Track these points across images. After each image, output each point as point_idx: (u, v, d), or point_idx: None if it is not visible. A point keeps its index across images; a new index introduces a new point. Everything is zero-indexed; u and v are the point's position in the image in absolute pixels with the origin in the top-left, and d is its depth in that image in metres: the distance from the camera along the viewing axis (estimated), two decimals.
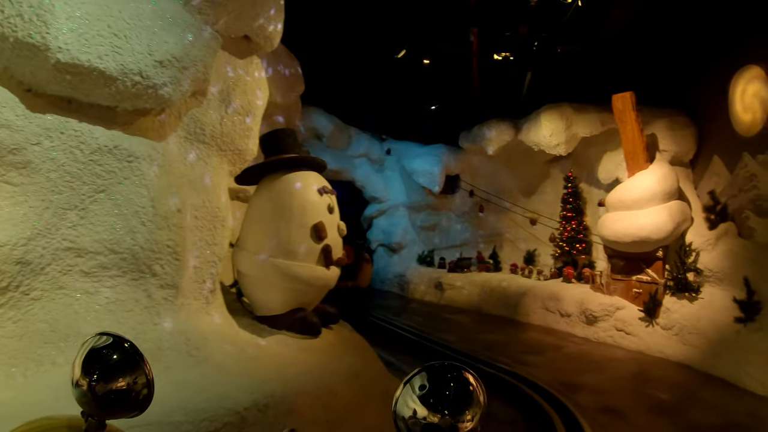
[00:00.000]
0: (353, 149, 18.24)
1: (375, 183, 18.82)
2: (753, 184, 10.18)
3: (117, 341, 1.97)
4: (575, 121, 13.22)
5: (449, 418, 1.68)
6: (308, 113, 16.56)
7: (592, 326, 11.88)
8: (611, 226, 11.69)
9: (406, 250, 18.74)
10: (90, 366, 1.91)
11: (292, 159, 7.05)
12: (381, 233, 19.19)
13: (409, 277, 17.70)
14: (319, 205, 6.86)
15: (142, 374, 1.95)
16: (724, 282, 10.14)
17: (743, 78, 10.58)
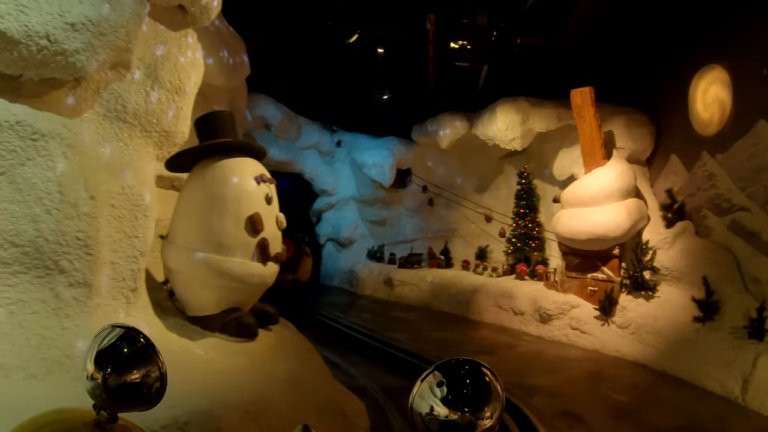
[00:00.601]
0: (303, 140, 17.53)
1: (324, 175, 18.14)
2: (712, 183, 10.03)
3: (130, 333, 1.97)
4: (531, 116, 12.84)
5: (469, 415, 1.67)
6: (257, 101, 15.85)
7: (546, 324, 11.53)
8: (567, 222, 11.36)
9: (355, 245, 18.11)
10: (102, 358, 1.89)
11: (227, 144, 6.38)
12: (330, 227, 18.52)
13: (359, 273, 17.09)
14: (256, 195, 6.21)
15: (155, 367, 1.96)
16: (682, 281, 9.95)
17: (705, 77, 10.43)
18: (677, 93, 11.15)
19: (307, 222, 19.24)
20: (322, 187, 18.25)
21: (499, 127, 12.99)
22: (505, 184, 15.83)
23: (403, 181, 17.17)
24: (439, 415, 1.68)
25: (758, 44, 9.12)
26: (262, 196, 6.29)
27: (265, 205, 6.30)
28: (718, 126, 10.10)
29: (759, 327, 8.13)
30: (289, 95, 16.70)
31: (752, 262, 9.02)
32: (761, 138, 8.94)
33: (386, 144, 16.71)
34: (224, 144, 6.37)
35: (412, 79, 15.58)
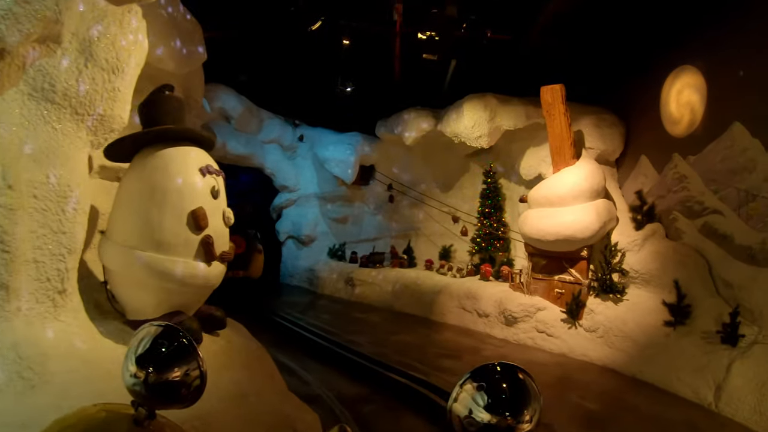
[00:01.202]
0: (264, 134, 16.80)
1: (286, 171, 17.44)
2: (683, 185, 9.75)
3: (171, 331, 2.03)
4: (499, 113, 12.42)
5: (510, 419, 1.71)
6: (216, 92, 15.15)
7: (511, 327, 11.11)
8: (534, 223, 10.96)
9: (316, 243, 17.46)
10: (143, 356, 1.94)
11: (170, 131, 5.72)
12: (291, 224, 17.80)
13: (319, 272, 16.44)
14: (201, 188, 5.58)
15: (195, 366, 1.99)
16: (651, 284, 9.65)
17: (678, 79, 10.18)
18: (648, 94, 10.89)
19: (267, 218, 18.55)
20: (283, 182, 17.55)
21: (466, 124, 12.54)
22: (470, 182, 15.42)
23: (366, 178, 16.61)
24: (480, 420, 1.71)
25: (733, 46, 8.88)
26: (208, 190, 5.67)
27: (211, 199, 5.69)
28: (690, 127, 9.84)
29: (732, 332, 7.87)
30: (251, 87, 15.98)
31: (724, 265, 8.75)
32: (736, 140, 8.69)
33: (349, 140, 16.14)
34: (167, 131, 5.73)
35: (378, 72, 15.00)
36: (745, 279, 8.24)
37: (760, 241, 8.09)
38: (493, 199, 14.14)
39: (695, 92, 9.72)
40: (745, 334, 7.77)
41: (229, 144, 15.93)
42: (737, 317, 7.89)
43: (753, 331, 7.76)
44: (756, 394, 6.93)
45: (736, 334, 7.82)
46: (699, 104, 9.61)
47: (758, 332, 7.71)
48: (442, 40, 11.60)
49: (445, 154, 15.24)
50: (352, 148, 15.81)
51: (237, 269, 13.62)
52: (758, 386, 6.95)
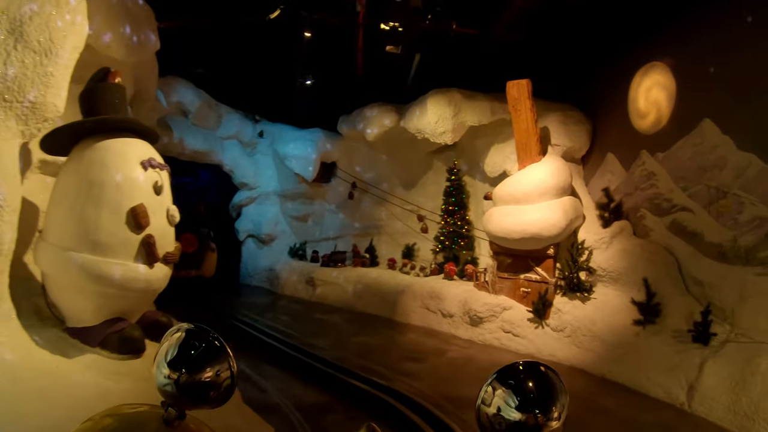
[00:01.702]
0: (223, 129, 16.04)
1: (245, 167, 16.76)
2: (651, 182, 9.52)
3: (202, 332, 2.01)
4: (464, 109, 12.03)
5: (540, 416, 1.73)
6: (173, 86, 14.39)
7: (477, 327, 10.72)
8: (499, 221, 10.59)
9: (277, 242, 16.82)
10: (174, 356, 1.92)
11: (110, 121, 5.20)
12: (250, 223, 17.12)
13: (279, 272, 15.83)
14: (142, 183, 5.08)
15: (226, 367, 1.98)
16: (619, 282, 9.40)
17: (646, 75, 9.96)
18: (616, 91, 10.64)
19: (227, 217, 17.86)
20: (243, 180, 16.87)
21: (429, 119, 12.10)
22: (434, 180, 15.02)
23: (327, 175, 16.02)
24: (510, 418, 1.75)
25: (703, 42, 8.67)
26: (150, 185, 5.17)
27: (153, 195, 5.19)
28: (659, 124, 9.63)
29: (704, 331, 7.62)
30: (210, 81, 15.26)
31: (694, 263, 8.55)
32: (706, 137, 8.50)
33: (310, 135, 15.57)
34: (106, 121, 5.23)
35: (340, 66, 14.48)
36: (716, 277, 8.04)
37: (731, 239, 7.89)
38: (457, 197, 13.78)
39: (664, 89, 9.49)
40: (717, 333, 7.54)
41: (186, 139, 15.21)
42: (709, 316, 7.64)
43: (725, 330, 7.55)
44: (730, 393, 6.67)
45: (707, 332, 7.58)
46: (668, 101, 9.39)
47: (730, 331, 7.51)
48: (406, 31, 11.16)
49: (409, 151, 14.82)
50: (313, 145, 15.24)
51: (189, 268, 13.27)
52: (732, 385, 6.70)
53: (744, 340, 7.19)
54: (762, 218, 7.51)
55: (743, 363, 6.77)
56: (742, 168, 7.87)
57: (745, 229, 7.70)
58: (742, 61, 7.98)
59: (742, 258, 7.71)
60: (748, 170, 7.78)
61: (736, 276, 7.67)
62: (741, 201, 7.85)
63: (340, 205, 16.38)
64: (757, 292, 7.33)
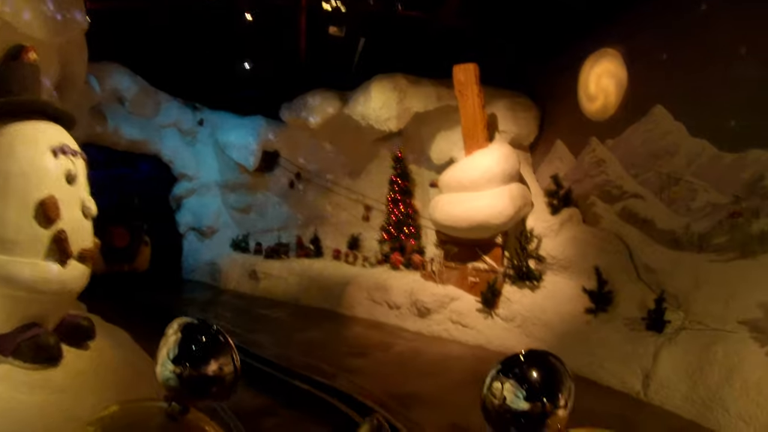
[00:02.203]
0: (161, 117, 15.13)
1: (185, 157, 15.89)
2: (601, 169, 9.27)
3: (204, 326, 2.03)
4: (409, 94, 11.53)
5: (548, 404, 1.75)
6: (108, 71, 13.42)
7: (424, 319, 10.27)
8: (445, 208, 10.17)
9: (219, 235, 16.01)
10: (177, 351, 1.92)
11: (15, 102, 4.51)
12: (191, 215, 16.26)
13: (222, 265, 15.05)
14: (53, 172, 4.40)
15: (229, 361, 1.98)
16: (569, 270, 9.11)
17: (597, 61, 9.68)
18: (565, 77, 10.36)
19: (167, 209, 16.95)
20: (182, 170, 16.00)
21: (374, 105, 11.56)
22: (379, 168, 14.48)
23: (270, 164, 15.29)
24: (517, 407, 1.76)
25: (656, 29, 8.49)
26: (62, 174, 4.49)
27: (65, 185, 4.50)
28: (609, 111, 9.42)
29: (658, 319, 7.34)
30: (148, 66, 14.29)
31: (645, 250, 8.31)
32: (657, 123, 8.33)
33: (252, 124, 14.81)
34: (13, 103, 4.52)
35: (283, 51, 13.71)
36: (668, 263, 7.83)
37: (684, 225, 7.71)
38: (403, 185, 13.29)
39: (615, 75, 9.27)
40: (671, 320, 7.28)
41: (122, 128, 14.35)
42: (662, 303, 7.36)
43: (678, 317, 7.29)
44: (687, 381, 6.39)
45: (661, 320, 7.32)
46: (619, 87, 9.18)
47: (684, 318, 7.24)
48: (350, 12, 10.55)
49: (354, 140, 14.22)
50: (254, 133, 14.50)
51: (122, 263, 12.92)
52: (688, 374, 6.42)
53: (699, 327, 6.92)
54: (715, 204, 7.33)
55: (699, 351, 6.51)
56: (694, 154, 7.69)
57: (699, 215, 7.52)
58: (694, 47, 7.82)
59: (695, 245, 7.52)
60: (700, 156, 7.60)
61: (690, 263, 7.47)
62: (694, 187, 7.67)
63: (284, 196, 15.69)
64: (710, 279, 7.12)
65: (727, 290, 6.82)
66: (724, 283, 6.91)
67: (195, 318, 2.05)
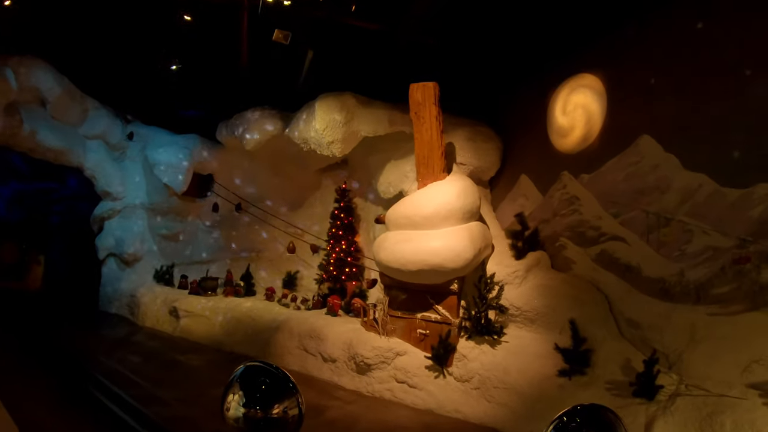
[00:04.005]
0: (87, 126, 12.95)
1: (110, 174, 13.59)
2: (574, 207, 7.66)
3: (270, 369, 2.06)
4: (358, 116, 9.74)
5: None
6: (30, 67, 11.38)
7: (364, 376, 8.30)
8: (392, 248, 8.33)
9: (142, 263, 13.60)
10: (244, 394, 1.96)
11: None
12: (113, 239, 13.80)
13: (140, 298, 12.67)
14: None
15: (294, 403, 2.01)
16: (537, 323, 7.53)
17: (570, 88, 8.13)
18: (532, 106, 8.85)
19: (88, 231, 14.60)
20: (106, 188, 13.67)
21: (317, 126, 9.66)
22: (321, 201, 12.68)
23: (203, 189, 13.15)
24: None
25: (641, 48, 7.03)
26: None
27: None
28: (584, 143, 7.90)
29: (648, 383, 5.82)
30: (77, 68, 12.26)
31: (628, 301, 6.82)
32: (644, 156, 6.84)
33: (185, 142, 12.73)
34: None
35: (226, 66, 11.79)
36: (657, 317, 6.36)
37: (677, 272, 6.21)
38: (346, 220, 11.43)
39: (592, 103, 7.78)
40: (663, 385, 5.76)
41: (40, 133, 12.20)
42: (655, 365, 5.81)
43: (672, 381, 5.81)
44: None
45: (653, 384, 5.78)
46: (596, 116, 7.70)
47: (679, 381, 5.74)
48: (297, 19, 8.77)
49: (296, 168, 12.40)
50: (186, 152, 12.41)
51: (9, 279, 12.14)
52: None
53: (698, 392, 5.44)
54: (716, 248, 5.87)
55: (701, 422, 5.05)
56: (690, 190, 6.22)
57: (695, 261, 6.06)
58: (688, 69, 6.39)
59: (691, 295, 6.07)
60: (697, 193, 6.15)
61: (684, 316, 6.06)
62: (689, 228, 6.20)
63: (216, 224, 13.59)
64: (711, 335, 5.72)
65: (732, 348, 5.44)
66: (728, 340, 5.53)
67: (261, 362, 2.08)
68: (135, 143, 13.57)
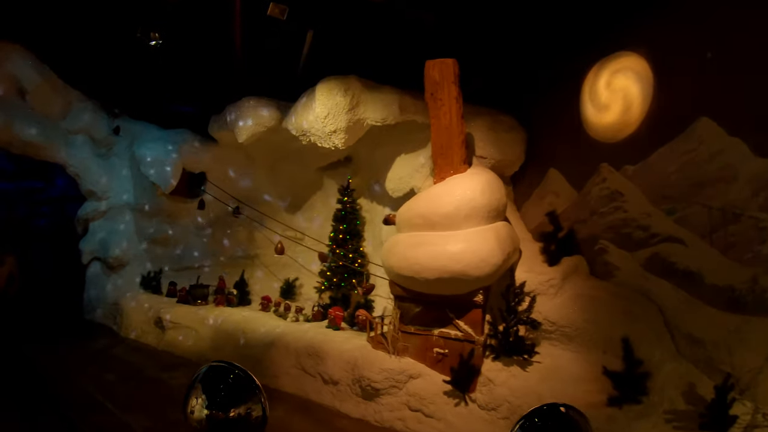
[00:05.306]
0: (71, 120, 11.88)
1: (95, 172, 12.32)
2: (616, 204, 6.34)
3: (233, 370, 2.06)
4: (364, 102, 8.39)
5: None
6: (6, 53, 10.51)
7: (371, 402, 6.97)
8: (405, 252, 7.01)
9: (128, 269, 12.27)
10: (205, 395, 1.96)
11: None
12: (97, 242, 12.52)
13: (124, 307, 11.33)
14: None
15: (258, 405, 2.01)
16: (576, 341, 6.28)
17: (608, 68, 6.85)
18: (562, 90, 7.54)
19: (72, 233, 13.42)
20: (91, 186, 12.40)
21: (318, 113, 8.30)
22: (322, 202, 11.37)
23: (194, 188, 11.79)
24: None
25: (694, 19, 5.69)
26: None
27: None
28: (627, 130, 6.55)
29: (721, 413, 4.62)
30: (61, 57, 11.18)
31: (688, 314, 5.57)
32: (703, 141, 5.57)
33: (175, 137, 11.43)
34: None
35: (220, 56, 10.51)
36: (725, 333, 5.15)
37: (749, 279, 4.98)
38: (350, 223, 10.07)
39: (635, 83, 6.46)
40: (738, 415, 4.58)
41: (16, 125, 11.05)
42: (729, 392, 4.60)
43: (746, 409, 4.63)
44: None
45: (726, 415, 4.58)
46: (640, 98, 6.40)
47: (754, 410, 4.57)
48: None
49: (294, 167, 11.13)
50: (174, 147, 11.09)
51: None
52: None
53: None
54: None
55: None
56: (763, 180, 4.98)
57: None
58: (755, 39, 5.06)
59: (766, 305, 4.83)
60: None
61: (759, 331, 4.85)
62: (763, 225, 4.96)
63: (209, 227, 12.24)
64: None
65: None
66: None
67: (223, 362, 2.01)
68: (122, 139, 12.38)
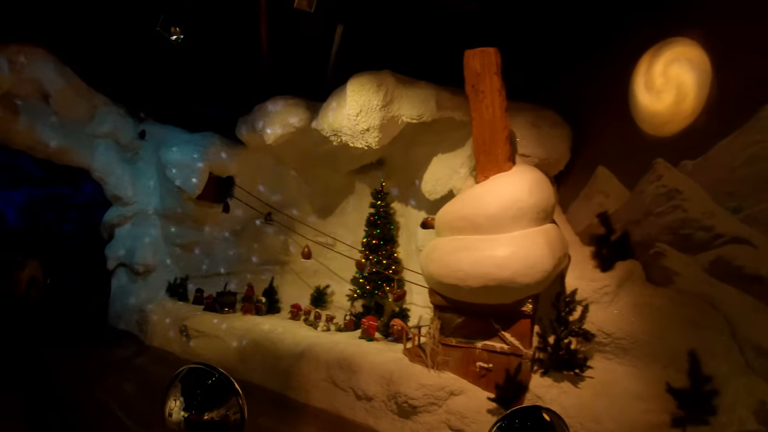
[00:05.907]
0: (96, 125, 11.66)
1: (120, 177, 12.05)
2: (674, 203, 5.68)
3: (211, 372, 1.97)
4: (398, 98, 7.87)
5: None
6: (30, 57, 10.18)
7: (408, 420, 6.39)
8: (446, 258, 6.46)
9: (154, 275, 11.94)
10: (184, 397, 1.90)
11: None
12: (123, 248, 12.22)
13: (150, 315, 10.93)
14: None
15: (236, 408, 1.93)
16: (632, 354, 5.68)
17: (662, 56, 6.17)
18: (609, 81, 6.96)
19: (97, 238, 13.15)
20: (116, 192, 12.12)
21: (349, 111, 7.80)
22: (355, 207, 10.87)
23: (221, 193, 11.37)
24: None
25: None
26: None
27: None
28: (684, 122, 5.89)
29: None
30: (86, 60, 10.95)
31: (758, 323, 4.98)
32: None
33: (201, 140, 11.03)
34: None
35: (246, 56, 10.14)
36: None
37: None
38: (383, 228, 9.55)
39: (691, 71, 5.76)
40: None
41: (39, 129, 10.90)
42: None
43: None
44: None
45: None
46: (698, 87, 5.71)
47: None
48: None
49: (326, 171, 10.68)
50: (200, 150, 10.69)
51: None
52: None
53: None
54: None
55: None
56: None
57: None
58: None
59: None
60: None
61: None
62: None
63: (237, 233, 11.81)
64: None
65: None
66: None
67: (201, 364, 1.95)
68: (148, 143, 12.14)
